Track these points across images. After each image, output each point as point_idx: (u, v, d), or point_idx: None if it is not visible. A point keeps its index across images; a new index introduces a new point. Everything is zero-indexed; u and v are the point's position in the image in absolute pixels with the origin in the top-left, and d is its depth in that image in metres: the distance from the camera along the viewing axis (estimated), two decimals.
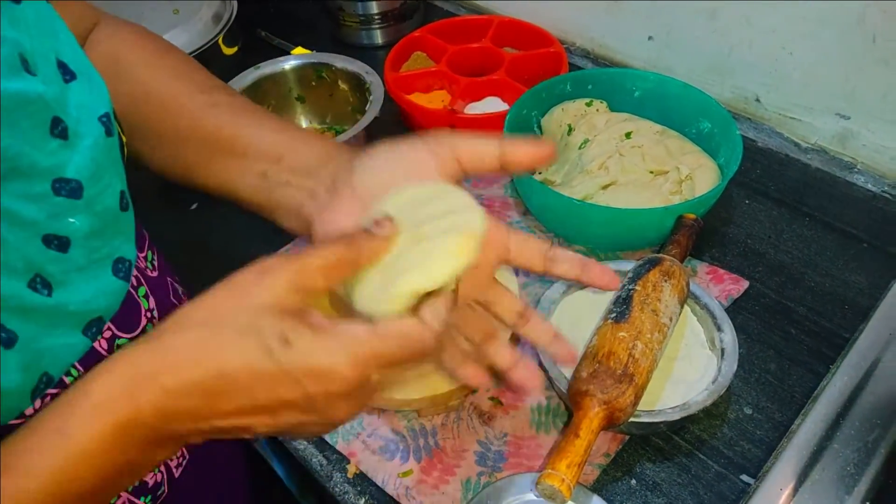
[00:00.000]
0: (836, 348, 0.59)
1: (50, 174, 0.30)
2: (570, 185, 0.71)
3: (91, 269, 0.33)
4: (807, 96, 0.77)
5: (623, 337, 0.50)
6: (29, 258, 0.30)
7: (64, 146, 0.31)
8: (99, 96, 0.34)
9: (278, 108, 0.84)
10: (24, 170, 0.29)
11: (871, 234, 0.69)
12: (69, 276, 0.32)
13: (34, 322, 0.30)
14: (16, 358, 0.29)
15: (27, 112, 0.29)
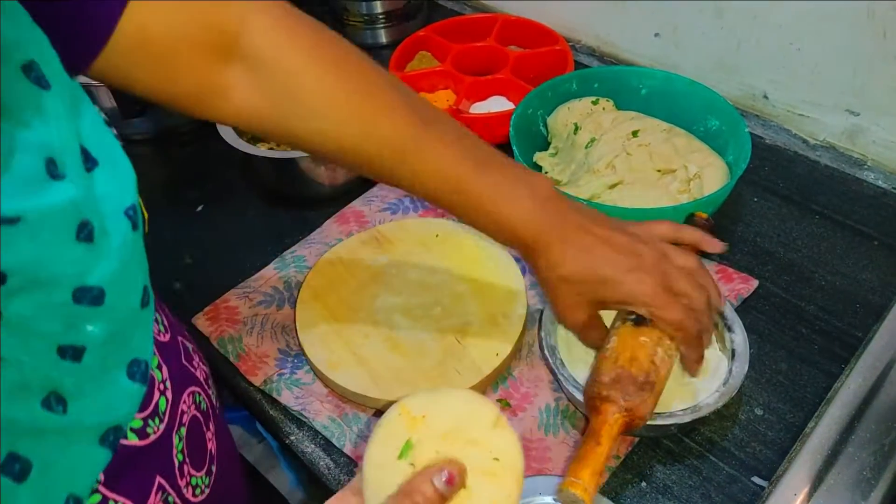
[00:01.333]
0: (848, 348, 0.59)
1: (71, 283, 0.28)
2: (576, 184, 0.71)
3: (105, 377, 0.31)
4: (815, 92, 0.76)
5: (645, 342, 0.48)
6: (44, 374, 0.28)
7: (89, 250, 0.28)
8: (123, 185, 0.31)
9: None
10: (44, 281, 0.26)
11: (882, 232, 0.68)
12: (83, 388, 0.29)
13: (50, 443, 0.28)
14: (28, 491, 0.27)
15: (53, 222, 0.26)
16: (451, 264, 0.65)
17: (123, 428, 0.33)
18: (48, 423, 0.28)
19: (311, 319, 0.61)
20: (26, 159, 0.25)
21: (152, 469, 0.35)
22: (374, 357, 0.58)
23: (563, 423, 0.56)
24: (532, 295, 0.64)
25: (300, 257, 0.70)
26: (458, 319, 0.61)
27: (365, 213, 0.74)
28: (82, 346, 0.29)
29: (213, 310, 0.66)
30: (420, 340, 0.60)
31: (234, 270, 0.69)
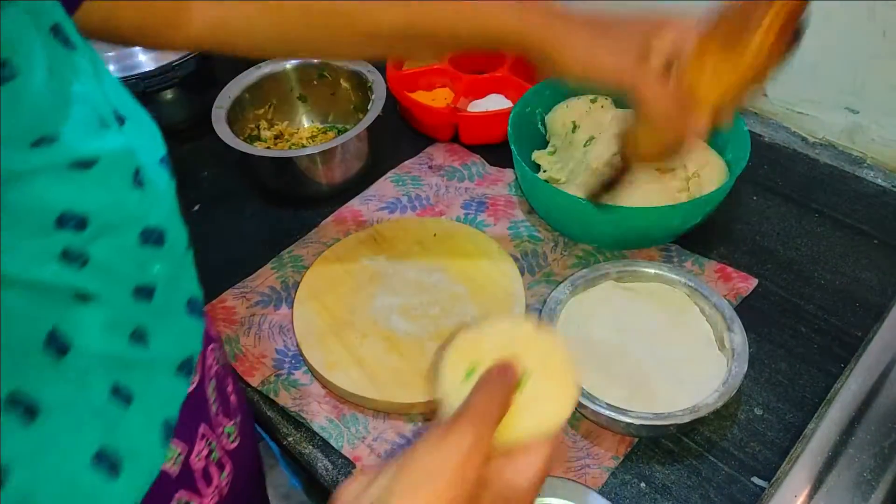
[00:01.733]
0: (847, 347, 0.59)
1: (137, 225, 0.30)
2: (574, 183, 0.70)
3: (172, 314, 0.34)
4: (815, 90, 0.76)
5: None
6: (127, 313, 0.30)
7: (144, 195, 0.31)
8: (153, 137, 0.33)
9: (280, 107, 0.83)
10: (116, 224, 0.29)
11: (882, 230, 0.68)
12: (157, 325, 0.32)
13: (142, 375, 0.31)
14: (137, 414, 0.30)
15: (117, 167, 0.29)
16: (449, 264, 0.65)
17: (193, 360, 0.36)
18: (137, 356, 0.31)
19: (309, 320, 0.61)
20: (82, 109, 0.27)
21: (196, 418, 0.37)
22: (372, 357, 0.58)
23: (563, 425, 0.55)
24: (530, 295, 0.64)
25: (297, 257, 0.70)
26: (456, 320, 0.61)
27: (362, 213, 0.73)
28: (153, 285, 0.32)
29: (210, 310, 0.65)
30: (418, 341, 0.59)
31: (231, 270, 0.69)
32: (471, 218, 0.72)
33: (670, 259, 0.67)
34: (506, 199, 0.74)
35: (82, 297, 0.28)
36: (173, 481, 0.35)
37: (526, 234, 0.70)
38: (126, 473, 0.29)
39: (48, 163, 0.25)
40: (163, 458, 0.33)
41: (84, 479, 0.27)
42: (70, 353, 0.27)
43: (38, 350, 0.26)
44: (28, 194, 0.25)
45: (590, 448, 0.54)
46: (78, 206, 0.27)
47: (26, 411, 0.25)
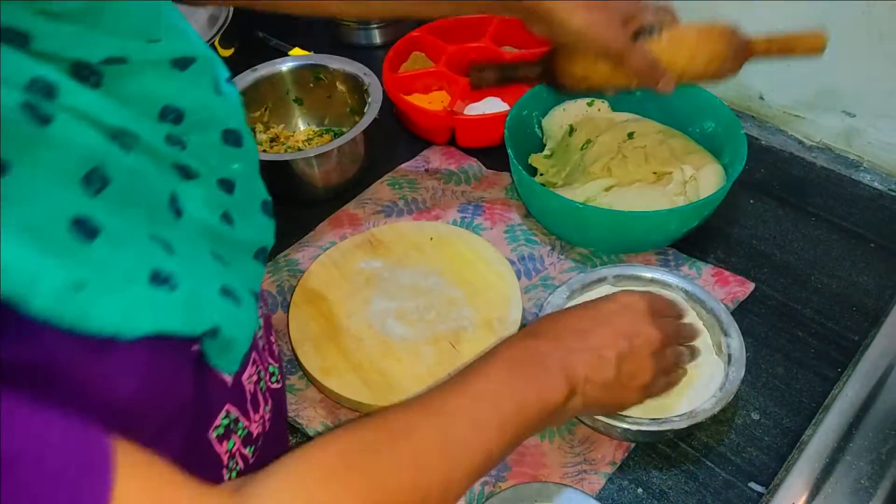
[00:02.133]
0: (844, 351, 0.59)
1: (220, 125, 0.36)
2: (571, 186, 0.70)
3: (249, 210, 0.39)
4: (811, 94, 0.76)
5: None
6: (216, 197, 0.36)
7: (224, 102, 0.36)
8: (222, 65, 0.38)
9: (276, 110, 0.83)
10: (204, 122, 0.34)
11: (878, 234, 0.68)
12: (238, 214, 0.37)
13: (229, 249, 0.36)
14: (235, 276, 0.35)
15: (205, 72, 0.34)
16: (445, 268, 0.65)
17: (267, 250, 0.40)
18: (226, 233, 0.36)
19: (305, 324, 0.61)
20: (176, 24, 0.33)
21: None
22: (368, 362, 0.58)
23: (558, 430, 0.55)
24: (527, 299, 0.64)
25: (293, 261, 0.69)
26: (452, 324, 0.60)
27: (359, 216, 0.73)
28: (233, 180, 0.37)
29: None
30: (414, 346, 0.59)
31: None
32: (467, 221, 0.72)
33: (667, 263, 0.66)
34: (502, 203, 0.74)
35: (186, 173, 0.33)
36: (227, 391, 0.38)
37: (522, 237, 0.70)
38: (244, 308, 0.34)
39: (156, 57, 0.31)
40: (256, 322, 0.38)
41: (221, 300, 0.32)
42: (183, 217, 0.32)
43: (165, 206, 0.31)
44: (141, 85, 0.30)
45: (587, 454, 0.54)
46: (176, 101, 0.32)
47: (167, 247, 0.30)
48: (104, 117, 0.28)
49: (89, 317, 0.26)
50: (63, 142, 0.26)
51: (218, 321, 0.32)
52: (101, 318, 0.26)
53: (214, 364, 0.34)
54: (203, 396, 0.35)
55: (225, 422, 0.37)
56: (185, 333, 0.30)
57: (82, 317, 0.26)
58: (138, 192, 0.30)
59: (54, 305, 0.25)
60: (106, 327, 0.27)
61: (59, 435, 0.24)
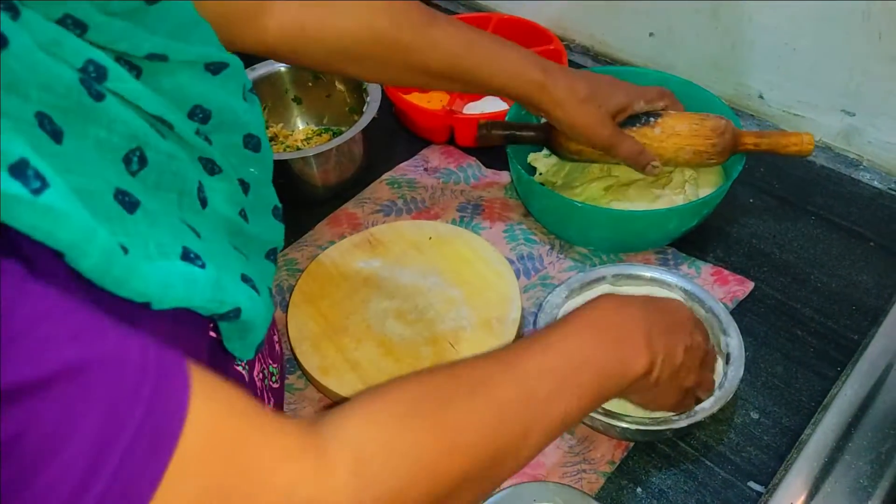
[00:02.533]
0: (843, 350, 0.58)
1: (242, 130, 0.38)
2: (571, 186, 0.70)
3: (261, 212, 0.41)
4: (811, 93, 0.76)
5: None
6: (236, 194, 0.38)
7: (249, 108, 0.38)
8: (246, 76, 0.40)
9: (275, 109, 0.83)
10: (228, 124, 0.37)
11: (878, 233, 0.68)
12: (253, 214, 0.39)
13: (248, 245, 0.38)
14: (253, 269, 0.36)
15: (234, 76, 0.37)
16: (444, 268, 0.65)
17: (277, 251, 0.42)
18: (245, 228, 0.38)
19: (303, 324, 0.61)
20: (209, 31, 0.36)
21: None
22: (367, 362, 0.58)
23: None
24: (526, 298, 0.64)
25: (292, 260, 0.69)
26: (451, 324, 0.60)
27: (358, 216, 0.73)
28: (249, 182, 0.39)
29: None
30: (413, 345, 0.59)
31: None
32: (466, 221, 0.72)
33: (666, 262, 0.66)
34: (502, 202, 0.74)
35: (211, 168, 0.35)
36: (245, 386, 0.39)
37: (522, 237, 0.70)
38: (262, 297, 0.35)
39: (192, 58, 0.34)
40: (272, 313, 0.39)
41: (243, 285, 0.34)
42: (208, 208, 0.34)
43: (193, 195, 0.33)
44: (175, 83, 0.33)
45: (586, 453, 0.54)
46: (205, 101, 0.35)
47: (195, 232, 0.32)
48: (144, 104, 0.30)
49: (129, 280, 0.27)
50: (111, 118, 0.28)
51: (240, 303, 0.32)
52: (140, 283, 0.27)
53: (230, 348, 0.35)
54: None
55: None
56: (212, 310, 0.31)
57: (124, 279, 0.26)
58: (172, 178, 0.32)
59: (102, 265, 0.25)
60: (143, 293, 0.27)
61: (137, 351, 0.23)
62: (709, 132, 0.63)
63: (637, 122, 0.63)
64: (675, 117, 0.64)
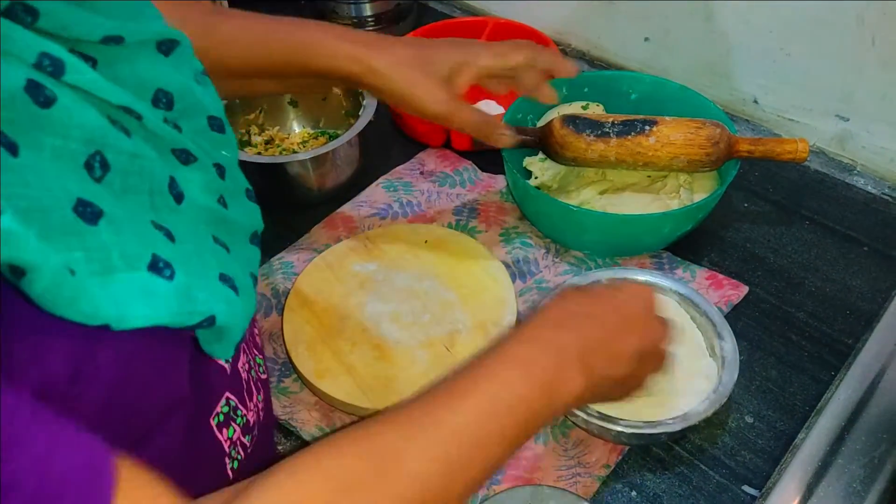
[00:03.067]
0: (837, 354, 0.59)
1: (205, 111, 0.37)
2: (566, 190, 0.70)
3: (237, 196, 0.40)
4: (805, 98, 0.76)
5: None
6: (213, 181, 0.37)
7: (204, 90, 0.37)
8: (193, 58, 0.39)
9: (270, 112, 0.83)
10: (192, 107, 0.36)
11: (872, 238, 0.68)
12: (231, 199, 0.38)
13: (228, 233, 0.37)
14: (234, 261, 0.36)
15: (184, 57, 0.36)
16: (440, 271, 0.65)
17: (258, 234, 0.41)
18: (225, 217, 0.37)
19: (299, 327, 0.61)
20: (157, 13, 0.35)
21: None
22: (362, 365, 0.58)
23: (552, 432, 0.55)
24: (521, 301, 0.64)
25: (288, 263, 0.69)
26: (447, 327, 0.60)
27: (354, 219, 0.73)
28: (224, 166, 0.38)
29: None
30: (409, 349, 0.59)
31: None
32: (462, 224, 0.72)
33: (661, 266, 0.67)
34: (497, 206, 0.74)
35: (185, 157, 0.34)
36: (227, 378, 0.38)
37: (517, 240, 0.70)
38: (242, 296, 0.35)
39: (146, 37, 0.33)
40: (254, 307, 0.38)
41: (219, 288, 0.33)
42: (185, 202, 0.33)
43: (164, 191, 0.32)
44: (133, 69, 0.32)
45: (580, 457, 0.54)
46: (166, 85, 0.34)
47: (167, 235, 0.31)
48: (108, 96, 0.29)
49: (78, 303, 0.26)
50: (65, 124, 0.27)
51: (214, 310, 0.31)
52: (88, 305, 0.26)
53: (208, 351, 0.34)
54: (203, 383, 0.35)
55: (225, 409, 0.37)
56: (181, 323, 0.30)
57: (73, 301, 0.26)
58: (139, 178, 0.30)
59: (52, 288, 0.25)
60: (94, 315, 0.26)
61: (64, 455, 0.23)
62: (704, 141, 0.63)
63: (632, 130, 0.63)
64: (670, 126, 0.64)
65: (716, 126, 0.64)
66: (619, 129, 0.64)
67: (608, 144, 0.64)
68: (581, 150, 0.64)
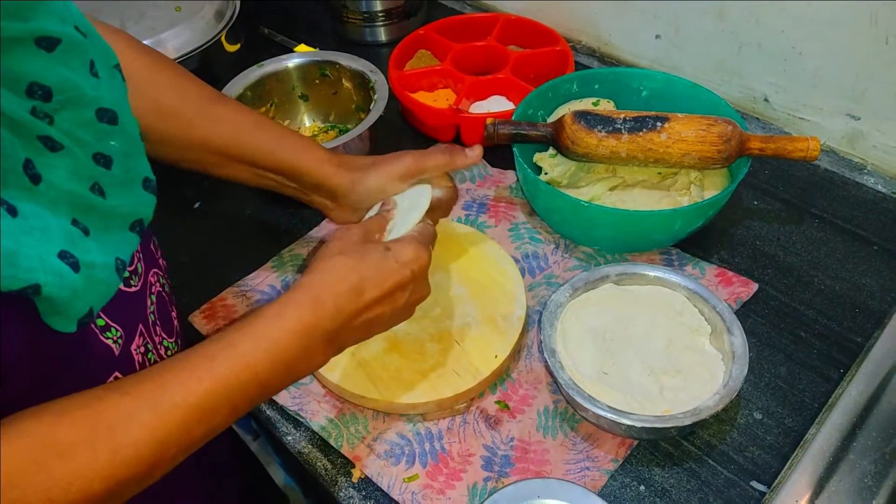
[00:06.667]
0: (847, 353, 0.59)
1: (93, 104, 0.38)
2: (576, 186, 0.70)
3: (128, 185, 0.41)
4: (816, 97, 0.76)
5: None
6: (88, 170, 0.38)
7: (98, 83, 0.38)
8: (106, 51, 0.41)
9: (281, 105, 0.83)
10: (76, 100, 0.37)
11: (882, 237, 0.68)
12: (114, 189, 0.40)
13: (98, 218, 0.38)
14: (94, 244, 0.37)
15: (75, 52, 0.37)
16: (450, 265, 0.65)
17: (145, 223, 0.43)
18: (95, 203, 0.38)
19: None
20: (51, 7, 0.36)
21: (135, 315, 0.44)
22: (373, 358, 0.58)
23: (561, 426, 0.56)
24: (531, 297, 0.64)
25: (298, 256, 0.69)
26: (457, 321, 0.60)
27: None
28: (110, 156, 0.39)
29: (210, 308, 0.65)
30: (419, 341, 0.59)
31: (232, 269, 0.69)
32: (472, 219, 0.72)
33: (671, 262, 0.67)
34: (507, 201, 0.74)
35: (51, 145, 0.36)
36: (114, 359, 0.41)
37: (527, 235, 0.70)
38: (84, 274, 0.36)
39: (21, 35, 0.34)
40: (116, 284, 0.40)
41: (55, 262, 0.34)
42: (42, 184, 0.35)
43: (17, 171, 0.34)
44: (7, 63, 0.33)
45: (589, 450, 0.54)
46: (43, 79, 0.35)
47: (9, 210, 0.33)
48: None
49: None
50: None
51: (39, 280, 0.33)
52: None
53: (48, 322, 0.35)
54: (85, 362, 0.39)
55: None
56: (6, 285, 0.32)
57: None
58: None
59: None
60: None
61: None
62: (715, 138, 0.63)
63: (643, 126, 0.63)
64: (681, 122, 0.64)
65: (727, 123, 0.64)
66: (630, 125, 0.64)
67: (619, 140, 0.64)
68: (592, 146, 0.64)
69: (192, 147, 0.54)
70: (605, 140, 0.64)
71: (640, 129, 0.63)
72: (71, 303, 0.35)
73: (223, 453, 0.63)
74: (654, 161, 0.65)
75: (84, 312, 0.37)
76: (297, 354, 0.42)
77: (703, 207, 0.63)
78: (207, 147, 0.55)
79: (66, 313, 0.36)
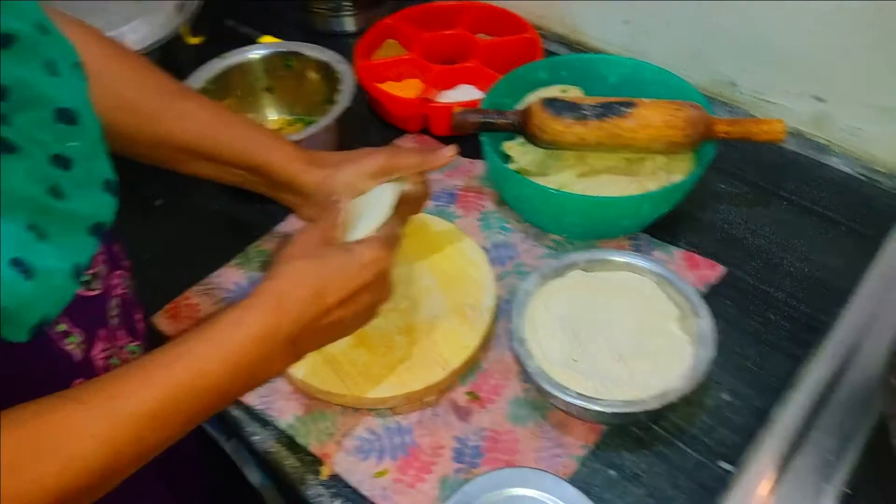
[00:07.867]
0: (814, 333, 0.59)
1: (51, 104, 0.37)
2: (545, 173, 0.70)
3: (89, 186, 0.40)
4: (783, 80, 0.76)
5: None
6: (45, 172, 0.37)
7: (58, 83, 0.37)
8: (67, 49, 0.40)
9: (245, 98, 0.81)
10: (33, 100, 0.36)
11: (848, 217, 0.69)
12: (74, 190, 0.38)
13: (55, 222, 0.37)
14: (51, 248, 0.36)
15: (32, 51, 0.36)
16: (418, 257, 0.64)
17: (105, 226, 0.41)
18: (53, 205, 0.37)
19: None
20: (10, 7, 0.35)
21: (95, 321, 0.43)
22: (340, 353, 0.57)
23: (531, 415, 0.55)
24: (501, 286, 0.64)
25: (264, 252, 0.68)
26: (426, 313, 0.60)
27: None
28: (69, 158, 0.38)
29: (174, 308, 0.64)
30: (387, 335, 0.58)
31: (196, 267, 0.67)
32: (441, 209, 0.71)
33: (639, 248, 0.67)
34: (476, 191, 0.73)
35: (6, 147, 0.34)
36: (75, 365, 0.40)
37: (496, 225, 0.70)
38: (37, 282, 0.35)
39: None
40: (73, 290, 0.39)
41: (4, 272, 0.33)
42: None
43: None
44: None
45: (560, 438, 0.54)
46: None
47: None
48: None
49: None
50: None
51: None
52: None
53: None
54: (43, 370, 0.38)
55: None
56: None
57: None
58: None
59: None
60: None
61: None
62: (682, 123, 0.63)
63: (610, 112, 0.63)
64: (648, 108, 0.64)
65: (694, 108, 0.64)
66: (597, 111, 0.64)
67: (587, 127, 0.64)
68: (560, 133, 0.64)
69: (156, 143, 0.53)
70: (572, 126, 0.64)
71: (607, 115, 0.63)
72: (21, 312, 0.34)
73: (191, 455, 0.62)
74: (622, 147, 0.65)
75: (35, 321, 0.35)
76: (257, 361, 0.41)
77: (671, 192, 0.63)
78: (172, 143, 0.53)
79: (16, 322, 0.34)
